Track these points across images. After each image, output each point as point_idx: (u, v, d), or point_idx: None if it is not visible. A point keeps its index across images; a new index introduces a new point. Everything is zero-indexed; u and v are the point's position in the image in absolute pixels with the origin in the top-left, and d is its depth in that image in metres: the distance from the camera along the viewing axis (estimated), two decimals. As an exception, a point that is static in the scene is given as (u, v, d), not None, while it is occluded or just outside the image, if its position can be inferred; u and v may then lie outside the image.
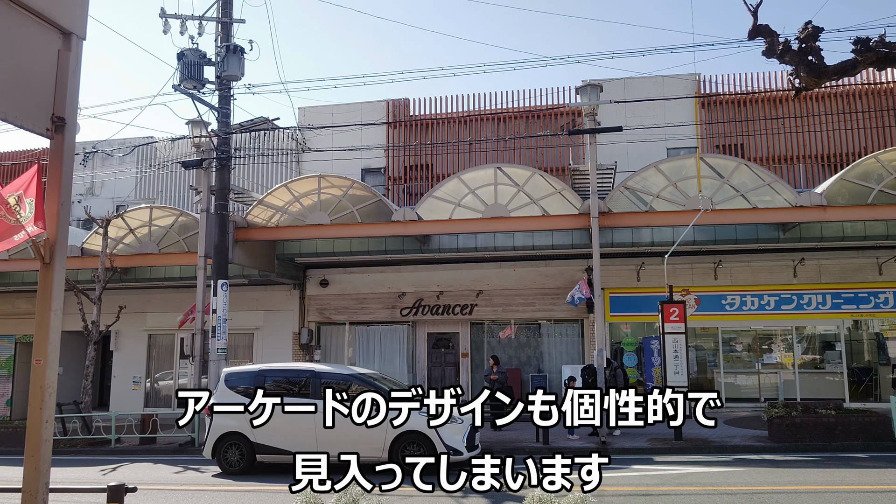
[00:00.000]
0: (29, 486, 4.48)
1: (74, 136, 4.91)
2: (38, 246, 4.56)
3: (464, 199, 16.39)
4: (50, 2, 4.72)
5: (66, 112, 4.82)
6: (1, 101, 4.32)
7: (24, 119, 4.55)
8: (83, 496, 7.95)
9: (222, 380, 12.33)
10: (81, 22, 5.03)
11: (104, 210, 21.71)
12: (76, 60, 4.97)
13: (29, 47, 4.65)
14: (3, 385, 23.15)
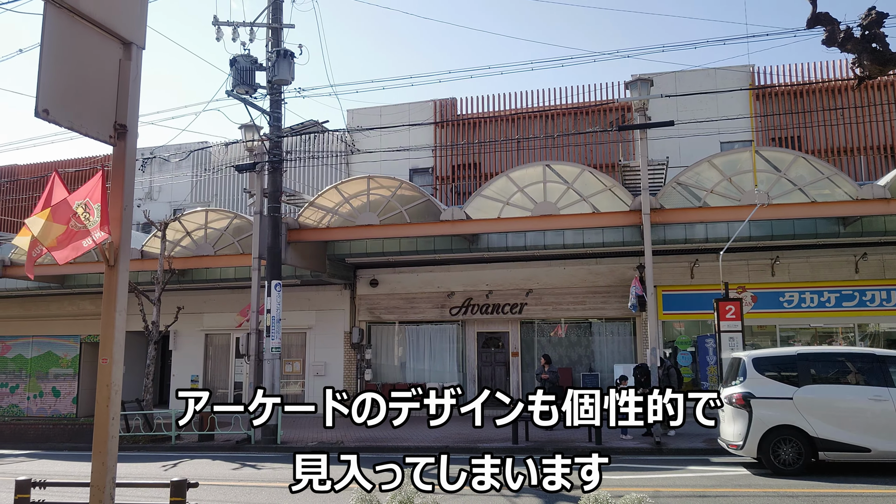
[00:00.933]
0: (97, 480, 4.66)
1: (136, 142, 5.07)
2: (103, 249, 4.74)
3: (512, 198, 16.33)
4: (111, 13, 4.89)
5: (128, 120, 4.99)
6: (67, 110, 4.49)
7: (88, 127, 4.73)
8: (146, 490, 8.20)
9: (749, 365, 10.48)
10: (141, 32, 5.20)
11: (162, 214, 22.38)
12: (136, 69, 5.14)
13: (92, 58, 4.82)
14: (70, 383, 24.07)
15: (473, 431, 15.69)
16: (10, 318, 24.74)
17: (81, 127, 4.65)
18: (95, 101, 4.79)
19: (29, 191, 26.57)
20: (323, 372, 21.28)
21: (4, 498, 9.17)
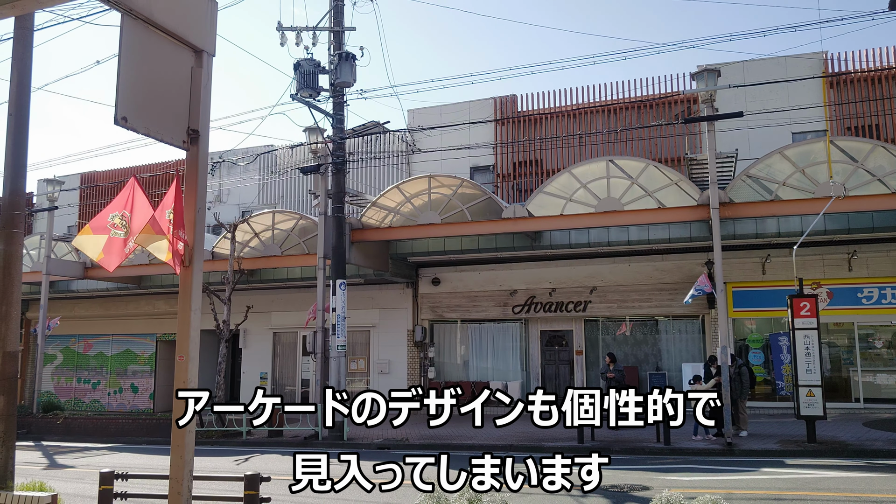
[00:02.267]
0: (175, 473, 4.84)
1: (208, 147, 5.25)
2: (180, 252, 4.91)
3: (575, 194, 16.14)
4: (183, 23, 5.06)
5: (200, 125, 5.16)
6: (144, 118, 4.67)
7: (163, 133, 4.92)
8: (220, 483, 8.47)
9: None
10: (211, 40, 5.37)
11: (231, 216, 23.05)
12: (207, 76, 5.31)
13: (166, 66, 5.01)
14: (147, 380, 25.09)
15: (537, 430, 15.58)
16: (91, 317, 25.95)
17: (157, 133, 4.84)
18: (169, 107, 4.98)
19: (107, 196, 27.79)
20: (387, 370, 21.52)
21: (89, 489, 9.62)
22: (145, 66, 4.78)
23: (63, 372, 26.73)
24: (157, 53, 4.92)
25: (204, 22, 5.31)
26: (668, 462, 11.73)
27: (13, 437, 6.15)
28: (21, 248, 6.31)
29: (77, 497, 8.58)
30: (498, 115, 21.86)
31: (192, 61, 5.23)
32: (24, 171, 6.40)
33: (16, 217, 6.24)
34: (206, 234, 22.64)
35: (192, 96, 5.19)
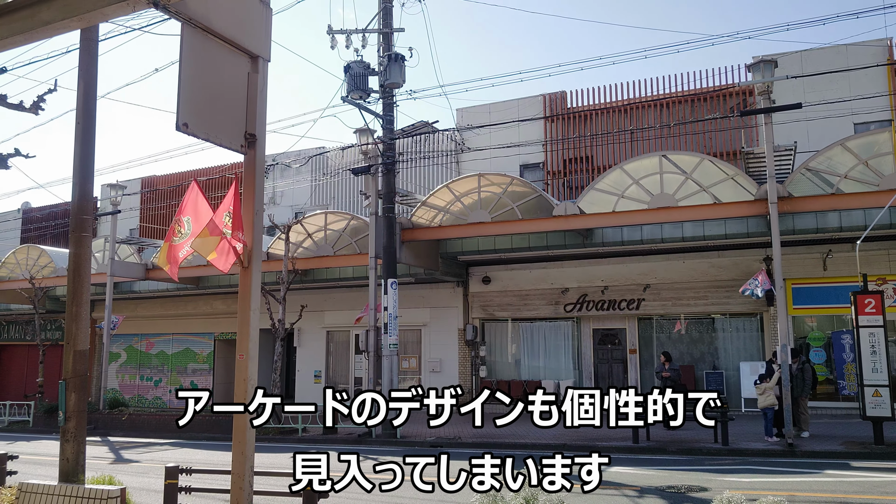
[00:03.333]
0: (237, 468, 4.98)
1: (264, 150, 5.38)
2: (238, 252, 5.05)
3: (627, 191, 15.91)
4: (240, 30, 5.20)
5: (257, 129, 5.29)
6: (204, 123, 4.81)
7: (222, 138, 5.06)
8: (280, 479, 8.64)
9: None
10: (266, 45, 5.50)
11: (285, 217, 23.49)
12: (263, 81, 5.44)
13: (224, 72, 5.15)
14: (206, 378, 25.77)
15: (592, 429, 15.43)
16: (152, 317, 26.81)
17: (216, 138, 4.99)
18: (228, 113, 5.12)
19: (166, 199, 28.65)
20: (438, 368, 21.62)
21: (154, 483, 9.95)
22: (204, 73, 4.93)
23: (127, 370, 27.68)
24: (216, 60, 5.06)
25: (259, 28, 5.44)
26: (727, 463, 11.47)
27: (84, 432, 6.41)
28: (90, 251, 6.58)
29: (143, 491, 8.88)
30: (547, 112, 21.71)
31: (248, 67, 5.37)
32: (92, 177, 6.66)
33: (84, 221, 6.50)
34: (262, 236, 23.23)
35: (249, 101, 5.33)
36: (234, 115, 5.20)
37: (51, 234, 31.30)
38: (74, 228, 6.44)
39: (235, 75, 5.26)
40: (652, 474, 10.29)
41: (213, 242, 4.89)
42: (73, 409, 6.34)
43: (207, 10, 4.85)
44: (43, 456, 13.83)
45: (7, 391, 29.88)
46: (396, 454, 13.38)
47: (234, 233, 5.08)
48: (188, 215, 5.16)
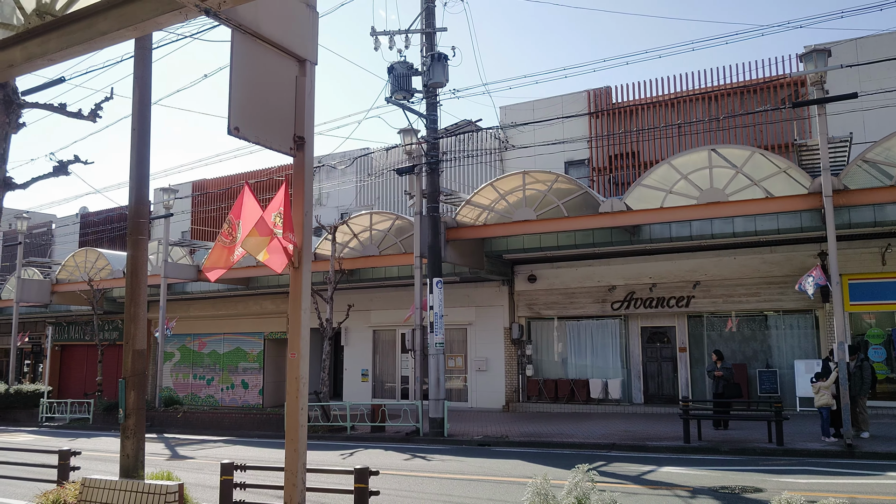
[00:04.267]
0: (290, 465, 5.06)
1: (313, 152, 5.46)
2: (289, 253, 5.14)
3: (675, 186, 15.64)
4: (288, 34, 5.29)
5: (305, 131, 5.38)
6: (254, 127, 4.91)
7: (272, 141, 5.15)
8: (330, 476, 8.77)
9: None
10: (313, 49, 5.58)
11: (331, 218, 23.78)
12: (311, 84, 5.52)
13: (272, 76, 5.25)
14: (256, 376, 26.28)
15: (641, 428, 15.24)
16: (204, 317, 27.45)
17: (266, 141, 5.09)
18: (277, 116, 5.21)
19: (217, 202, 29.31)
20: (484, 367, 21.61)
21: (208, 479, 10.20)
22: (254, 78, 5.03)
23: (180, 369, 28.41)
24: (265, 65, 5.16)
25: (306, 32, 5.52)
26: (782, 463, 11.18)
27: (143, 429, 6.62)
28: (146, 254, 6.78)
29: (198, 487, 9.11)
30: (592, 108, 21.48)
31: (296, 70, 5.46)
32: (147, 182, 6.86)
33: (141, 224, 6.71)
34: (308, 236, 23.57)
35: (297, 104, 5.42)
36: (283, 118, 5.29)
37: (107, 237, 32.33)
38: (131, 231, 6.65)
39: (283, 79, 5.35)
40: (704, 474, 10.10)
41: (263, 243, 4.99)
42: (133, 407, 6.55)
43: (256, 15, 4.95)
44: (103, 452, 14.30)
45: (68, 389, 31.01)
46: (445, 452, 13.44)
47: (284, 233, 5.17)
48: (239, 219, 5.27)
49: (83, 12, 5.41)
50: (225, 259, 5.27)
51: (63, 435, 19.17)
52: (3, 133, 6.90)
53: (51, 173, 7.54)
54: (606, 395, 19.81)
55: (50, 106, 7.22)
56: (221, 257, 5.31)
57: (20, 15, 5.90)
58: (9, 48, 5.93)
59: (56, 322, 32.46)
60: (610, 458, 11.88)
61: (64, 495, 6.30)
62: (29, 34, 5.73)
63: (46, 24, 5.60)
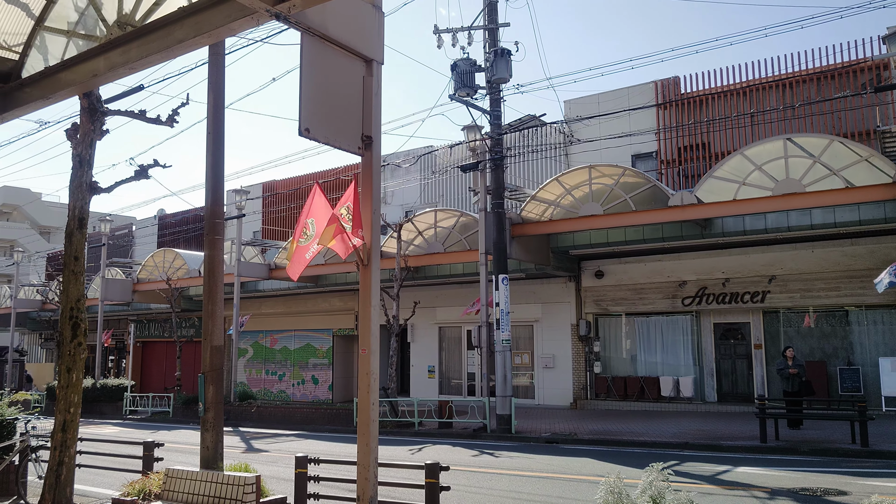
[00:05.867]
0: (362, 459, 5.15)
1: (380, 151, 5.52)
2: (357, 250, 5.22)
3: (749, 177, 15.13)
4: (355, 35, 5.36)
5: (373, 131, 5.44)
6: (324, 128, 5.00)
7: (341, 141, 5.24)
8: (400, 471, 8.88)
9: None
10: (380, 49, 5.64)
11: (396, 216, 24.04)
12: (377, 83, 5.59)
13: (340, 77, 5.33)
14: (326, 372, 26.84)
15: (714, 427, 14.83)
16: (275, 314, 28.20)
17: (335, 141, 5.18)
18: (345, 116, 5.30)
19: (286, 202, 30.03)
20: (551, 364, 21.44)
21: (282, 471, 10.48)
22: (323, 79, 5.13)
23: (253, 364, 29.27)
24: (333, 66, 5.25)
25: (372, 32, 5.59)
26: (867, 466, 10.68)
27: (221, 422, 6.86)
28: (222, 253, 7.02)
29: (272, 479, 9.36)
30: (660, 99, 20.99)
31: (363, 71, 5.53)
32: (222, 184, 7.10)
33: (217, 225, 6.95)
34: (374, 234, 23.90)
35: (365, 104, 5.49)
36: (351, 118, 5.37)
37: (183, 238, 33.59)
38: (208, 232, 6.89)
39: (351, 79, 5.43)
40: (782, 475, 9.75)
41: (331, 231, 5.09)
42: (212, 401, 6.79)
43: (325, 18, 5.03)
44: (182, 444, 14.88)
45: (149, 384, 32.41)
46: (513, 449, 13.41)
47: (353, 231, 5.25)
48: (312, 217, 5.38)
49: (160, 22, 5.63)
50: (302, 257, 5.41)
51: (145, 427, 20.04)
52: (89, 140, 7.25)
53: (132, 177, 7.88)
54: (678, 393, 19.36)
55: (131, 113, 7.55)
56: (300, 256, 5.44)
57: (102, 26, 6.20)
58: (93, 58, 6.23)
59: (137, 320, 33.95)
60: (683, 458, 11.61)
61: (149, 485, 6.59)
62: (111, 44, 6.01)
63: (127, 35, 5.86)
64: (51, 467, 6.92)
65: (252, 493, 5.79)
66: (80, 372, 7.01)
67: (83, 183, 7.21)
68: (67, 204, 7.28)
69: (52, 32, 6.63)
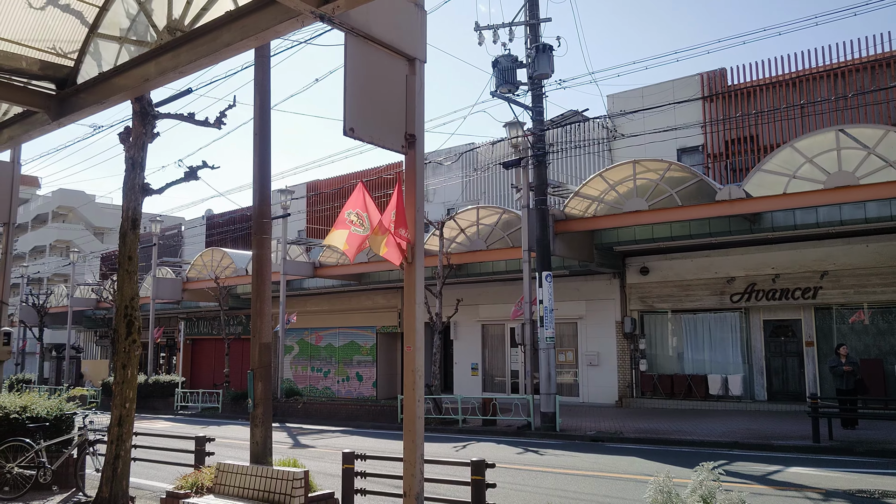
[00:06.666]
0: (408, 455, 5.18)
1: (423, 149, 5.54)
2: (403, 249, 5.25)
3: (799, 170, 14.73)
4: (398, 34, 5.39)
5: (416, 129, 5.47)
6: (368, 127, 5.05)
7: (384, 140, 5.28)
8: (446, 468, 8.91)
9: None
10: (422, 47, 5.66)
11: (437, 214, 24.11)
12: (420, 82, 5.61)
13: (384, 76, 5.37)
14: (370, 369, 27.08)
15: (765, 427, 14.51)
16: (320, 312, 28.58)
17: (379, 140, 5.22)
18: (389, 115, 5.33)
19: (330, 202, 30.38)
20: (596, 362, 21.24)
21: (328, 467, 10.62)
22: (366, 79, 5.17)
23: (299, 361, 29.72)
24: (376, 65, 5.29)
25: (415, 31, 5.61)
26: (928, 467, 10.32)
27: (270, 418, 6.98)
28: (270, 252, 7.14)
29: (319, 474, 9.49)
30: (706, 92, 20.57)
31: (406, 69, 5.56)
32: (269, 184, 7.22)
33: (264, 225, 7.07)
34: (417, 232, 24.00)
35: (408, 103, 5.52)
36: (394, 117, 5.40)
37: (230, 237, 34.26)
38: (256, 231, 7.02)
39: (394, 79, 5.46)
40: (837, 476, 9.49)
41: (382, 240, 5.14)
42: (261, 397, 6.92)
43: (368, 18, 5.07)
44: (231, 439, 15.19)
45: (198, 380, 33.18)
46: (558, 447, 13.33)
47: (396, 230, 5.28)
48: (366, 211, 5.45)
49: (209, 26, 5.75)
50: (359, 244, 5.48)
51: (196, 423, 20.52)
52: (141, 143, 7.45)
53: (182, 178, 8.08)
54: (726, 392, 18.98)
55: (180, 115, 7.74)
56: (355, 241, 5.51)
57: (153, 32, 6.36)
58: (144, 63, 6.40)
59: (187, 317, 34.80)
60: (732, 458, 11.39)
61: (201, 478, 6.75)
62: (161, 49, 6.16)
63: (176, 40, 6.00)
64: (108, 461, 7.14)
65: (301, 487, 5.88)
66: (134, 368, 7.22)
67: (136, 185, 7.42)
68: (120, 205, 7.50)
69: (106, 39, 6.83)
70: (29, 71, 7.24)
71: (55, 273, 49.62)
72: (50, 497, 8.55)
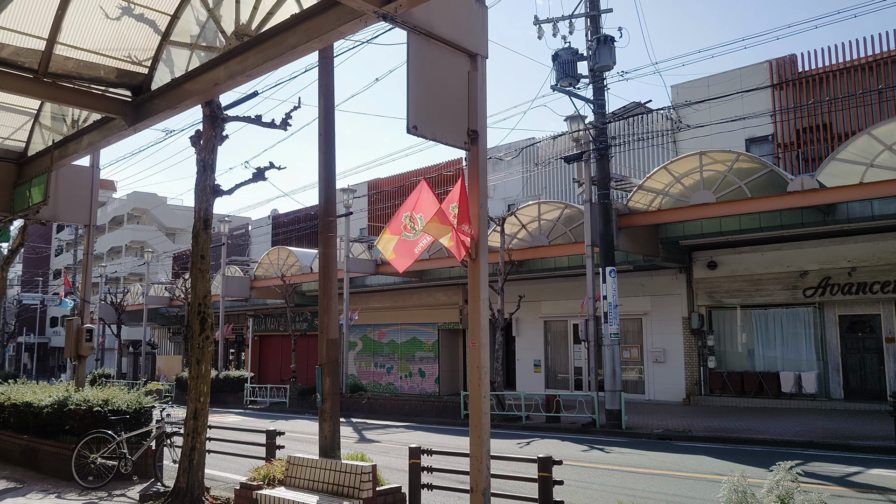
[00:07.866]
0: (474, 451, 5.20)
1: (486, 145, 5.54)
2: (467, 245, 5.26)
3: (877, 158, 14.06)
4: (459, 30, 5.40)
5: (478, 125, 5.47)
6: (431, 124, 5.08)
7: (447, 136, 5.30)
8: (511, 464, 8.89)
9: None
10: (484, 43, 5.65)
11: (498, 210, 24.04)
12: (482, 78, 5.61)
13: (446, 73, 5.39)
14: (432, 365, 27.26)
15: (842, 426, 13.95)
16: (382, 308, 28.91)
17: (442, 137, 5.24)
18: (451, 112, 5.35)
19: (391, 200, 30.69)
20: (662, 359, 20.81)
21: (394, 461, 10.75)
22: (428, 76, 5.20)
23: (363, 357, 30.16)
24: (438, 63, 5.31)
25: (476, 27, 5.61)
26: None
27: (338, 412, 7.12)
28: (335, 250, 7.28)
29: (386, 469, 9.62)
30: (775, 80, 19.85)
31: (467, 66, 5.56)
32: (334, 184, 7.35)
33: (330, 223, 7.21)
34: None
35: (470, 99, 5.53)
36: (457, 113, 5.42)
37: (295, 236, 35.03)
38: (322, 229, 7.17)
39: (456, 75, 5.47)
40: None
41: (445, 230, 5.14)
42: (328, 392, 7.06)
43: (430, 16, 5.10)
44: (299, 433, 15.54)
45: (266, 375, 34.07)
46: (624, 445, 13.13)
47: (459, 226, 5.29)
48: (420, 212, 5.47)
49: (274, 30, 5.90)
50: (410, 251, 5.51)
51: (264, 417, 21.08)
52: (211, 145, 7.70)
53: (250, 179, 8.30)
54: (800, 390, 18.31)
55: (248, 118, 7.95)
56: (407, 249, 5.54)
57: (222, 38, 6.55)
58: (213, 68, 6.61)
59: (255, 314, 35.77)
60: (807, 458, 10.99)
61: (273, 471, 6.93)
62: (230, 54, 6.35)
63: (244, 44, 6.17)
64: (184, 452, 7.42)
65: (369, 481, 5.98)
66: (208, 364, 7.47)
67: (207, 186, 7.66)
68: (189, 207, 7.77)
69: (177, 46, 7.08)
70: (106, 79, 7.57)
71: (131, 272, 51.77)
72: (130, 486, 8.94)
